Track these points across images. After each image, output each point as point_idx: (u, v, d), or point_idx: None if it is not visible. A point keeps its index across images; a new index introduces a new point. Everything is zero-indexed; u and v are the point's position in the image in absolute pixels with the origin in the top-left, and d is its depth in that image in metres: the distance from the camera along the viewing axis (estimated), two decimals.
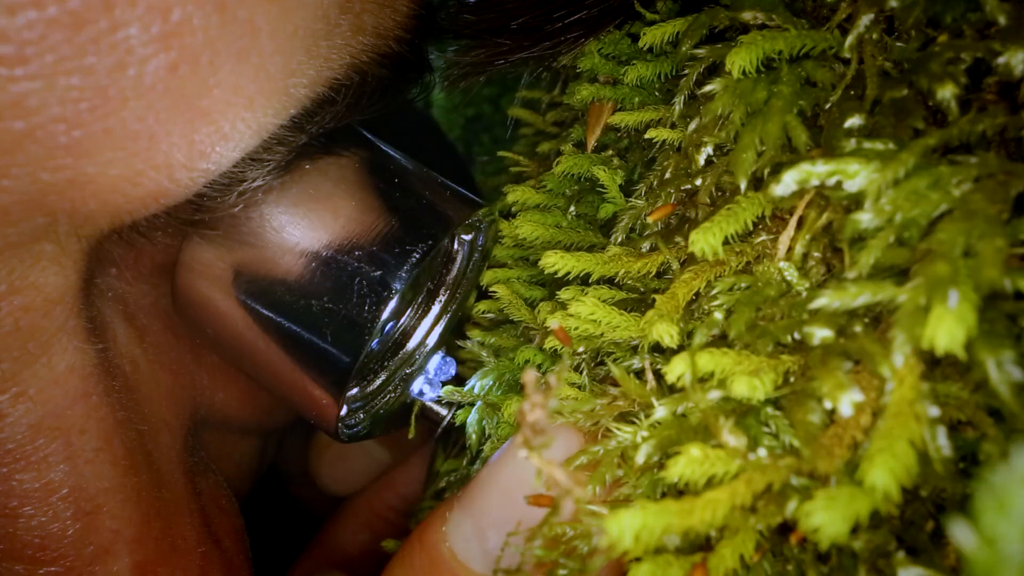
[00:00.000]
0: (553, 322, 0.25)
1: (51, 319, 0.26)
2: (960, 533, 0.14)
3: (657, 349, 0.28)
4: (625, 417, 0.27)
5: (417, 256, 0.30)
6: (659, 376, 0.26)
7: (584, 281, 0.31)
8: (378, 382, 0.38)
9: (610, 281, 0.31)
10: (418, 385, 0.38)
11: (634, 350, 0.28)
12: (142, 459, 0.33)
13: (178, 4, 0.21)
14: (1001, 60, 0.22)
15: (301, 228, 0.31)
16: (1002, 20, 0.23)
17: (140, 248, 0.33)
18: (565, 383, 0.28)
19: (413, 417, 0.38)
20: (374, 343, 0.32)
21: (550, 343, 0.30)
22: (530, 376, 0.21)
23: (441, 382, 0.39)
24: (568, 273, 0.30)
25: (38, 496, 0.28)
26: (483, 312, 0.37)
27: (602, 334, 0.28)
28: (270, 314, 0.31)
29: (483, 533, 0.28)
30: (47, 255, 0.25)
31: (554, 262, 0.30)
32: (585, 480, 0.25)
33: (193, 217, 0.29)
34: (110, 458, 0.30)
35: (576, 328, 0.28)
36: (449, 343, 0.40)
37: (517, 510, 0.27)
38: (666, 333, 0.25)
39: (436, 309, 0.39)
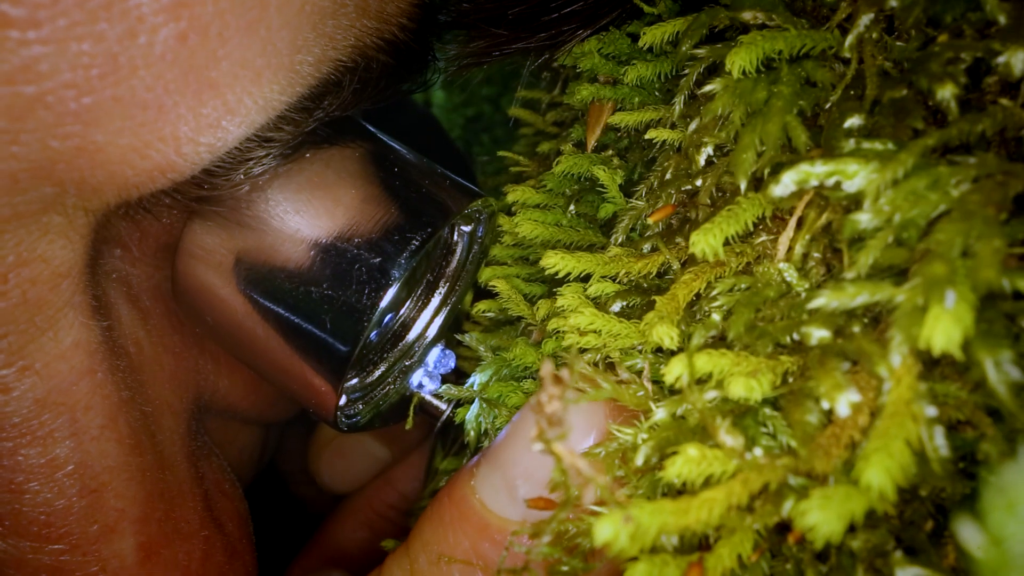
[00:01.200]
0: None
1: (58, 293, 0.26)
2: (967, 532, 0.14)
3: (660, 351, 0.28)
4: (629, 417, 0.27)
5: (416, 244, 0.31)
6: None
7: (585, 280, 0.31)
8: (377, 373, 0.38)
9: (611, 281, 0.31)
10: (417, 377, 0.39)
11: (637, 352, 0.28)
12: (146, 440, 0.33)
13: None
14: (1001, 60, 0.22)
15: (303, 215, 0.31)
16: (1002, 20, 0.23)
17: (145, 228, 0.34)
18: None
19: (412, 409, 0.38)
20: (373, 334, 0.32)
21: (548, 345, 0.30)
22: (547, 368, 0.21)
23: (440, 375, 0.39)
24: (569, 274, 0.30)
25: (43, 472, 0.28)
26: (483, 311, 0.37)
27: (604, 344, 0.28)
28: (270, 301, 0.31)
29: (512, 483, 0.28)
30: (55, 227, 0.25)
31: (555, 263, 0.30)
32: (604, 468, 0.25)
33: (199, 194, 0.29)
34: (115, 436, 0.30)
35: (577, 343, 0.28)
36: (448, 337, 0.40)
37: (545, 460, 0.27)
38: (666, 335, 0.25)
39: (436, 301, 0.39)
